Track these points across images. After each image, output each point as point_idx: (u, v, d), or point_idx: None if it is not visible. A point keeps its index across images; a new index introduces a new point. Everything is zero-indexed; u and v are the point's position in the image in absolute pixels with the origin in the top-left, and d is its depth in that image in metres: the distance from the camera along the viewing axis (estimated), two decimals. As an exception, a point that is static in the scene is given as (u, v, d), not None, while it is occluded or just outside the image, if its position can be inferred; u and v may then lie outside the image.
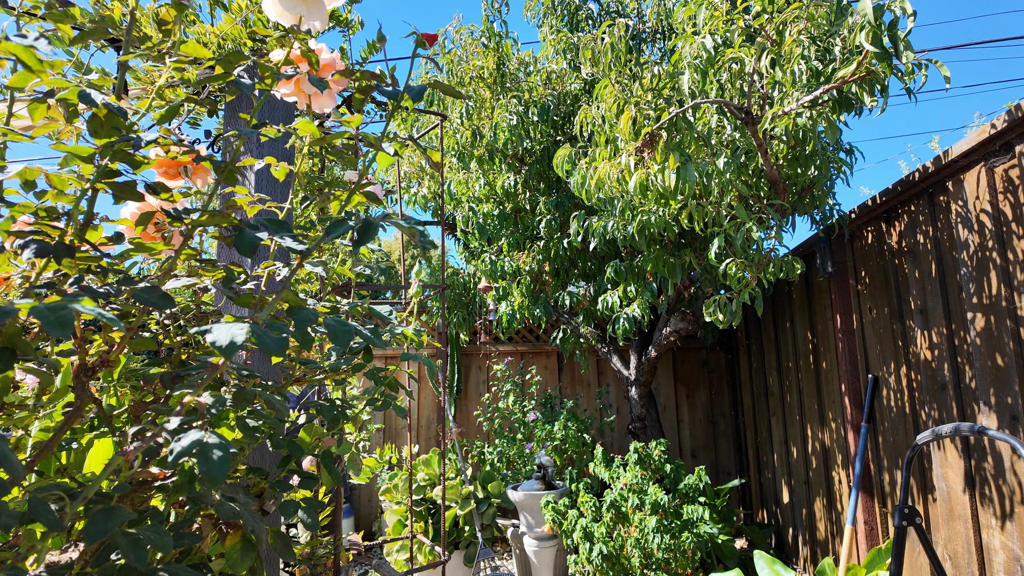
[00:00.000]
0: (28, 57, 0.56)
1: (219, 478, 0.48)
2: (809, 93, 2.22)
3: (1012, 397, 2.02)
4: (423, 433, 5.05)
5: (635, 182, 2.37)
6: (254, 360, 1.18)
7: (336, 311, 0.77)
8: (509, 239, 3.88)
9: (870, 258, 2.89)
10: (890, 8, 1.88)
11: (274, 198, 1.26)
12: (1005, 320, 2.05)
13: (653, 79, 2.49)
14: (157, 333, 0.74)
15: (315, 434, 0.98)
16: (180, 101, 1.09)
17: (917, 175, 2.47)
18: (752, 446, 4.47)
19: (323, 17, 0.74)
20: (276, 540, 0.75)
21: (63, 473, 0.66)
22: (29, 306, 0.42)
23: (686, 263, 3.14)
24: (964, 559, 2.23)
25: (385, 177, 4.34)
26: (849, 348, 3.03)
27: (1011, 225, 2.04)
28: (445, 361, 4.85)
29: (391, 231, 11.47)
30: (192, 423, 0.55)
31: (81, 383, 0.59)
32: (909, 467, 1.88)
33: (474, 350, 5.19)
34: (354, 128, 0.79)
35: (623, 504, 3.13)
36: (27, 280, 0.56)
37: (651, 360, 3.93)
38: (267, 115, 1.31)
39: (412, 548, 1.97)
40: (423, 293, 2.06)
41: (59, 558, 0.55)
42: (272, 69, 0.72)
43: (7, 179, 0.57)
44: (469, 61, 3.73)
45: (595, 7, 4.02)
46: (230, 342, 0.48)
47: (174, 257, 0.67)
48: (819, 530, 3.39)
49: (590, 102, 3.00)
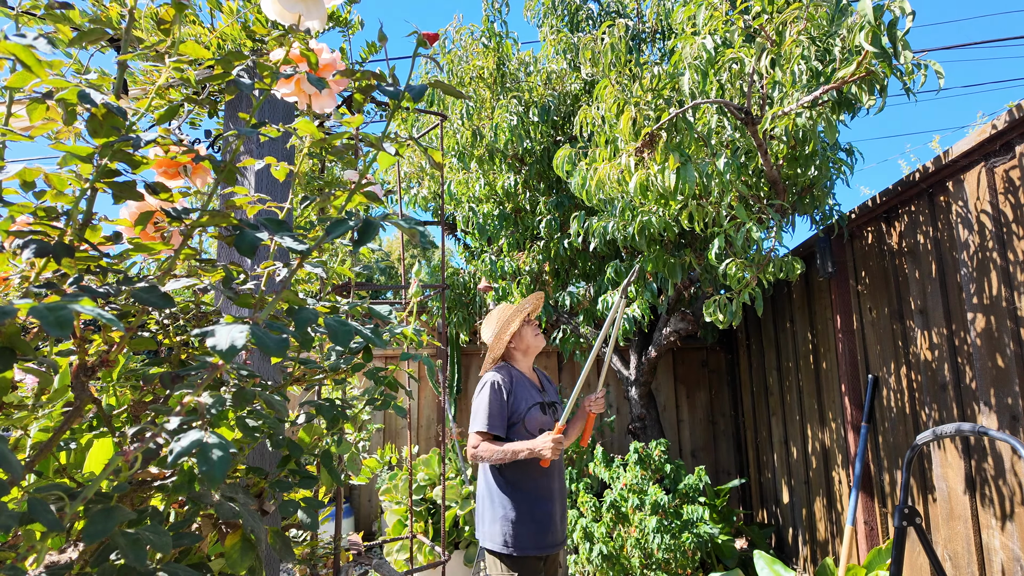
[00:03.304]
0: (27, 57, 0.56)
1: (219, 478, 0.48)
2: (809, 93, 2.22)
3: (1012, 397, 2.02)
4: (423, 433, 5.05)
5: (635, 182, 2.37)
6: (254, 360, 1.18)
7: (336, 311, 0.77)
8: (509, 239, 3.88)
9: (870, 258, 2.89)
10: (889, 8, 1.88)
11: (274, 198, 1.26)
12: (1005, 320, 2.05)
13: (653, 79, 2.49)
14: (157, 333, 0.74)
15: (315, 434, 0.98)
16: (179, 101, 1.09)
17: (917, 175, 2.47)
18: (752, 446, 4.47)
19: (322, 16, 0.74)
20: (276, 540, 0.75)
21: (62, 473, 0.66)
22: (28, 306, 0.42)
23: (686, 263, 3.14)
24: (964, 559, 2.23)
25: (385, 177, 4.34)
26: (849, 348, 3.02)
27: (1011, 225, 2.04)
28: (445, 361, 4.85)
29: (391, 231, 11.47)
30: (192, 423, 0.55)
31: (80, 383, 0.59)
32: (909, 467, 1.88)
33: (474, 350, 5.18)
34: (354, 128, 0.79)
35: (623, 504, 3.13)
36: (26, 280, 0.56)
37: (651, 360, 3.93)
38: (267, 115, 1.31)
39: (412, 548, 1.97)
40: (423, 293, 2.07)
41: (58, 558, 0.55)
42: (271, 69, 0.72)
43: (6, 179, 0.57)
44: (469, 61, 3.73)
45: (595, 7, 4.02)
46: (230, 345, 0.48)
47: (174, 257, 0.67)
48: (819, 530, 3.39)
49: (590, 102, 3.00)
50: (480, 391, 2.03)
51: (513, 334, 2.12)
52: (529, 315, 2.17)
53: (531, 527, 1.92)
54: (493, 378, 2.03)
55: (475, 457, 1.95)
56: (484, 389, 2.01)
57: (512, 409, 2.01)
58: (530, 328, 2.16)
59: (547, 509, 1.96)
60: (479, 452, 1.94)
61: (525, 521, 1.92)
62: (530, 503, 1.94)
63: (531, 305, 2.17)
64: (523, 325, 2.14)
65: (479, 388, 2.05)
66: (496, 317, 2.14)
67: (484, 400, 1.99)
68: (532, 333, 2.15)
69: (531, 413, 2.02)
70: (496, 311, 2.17)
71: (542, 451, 1.89)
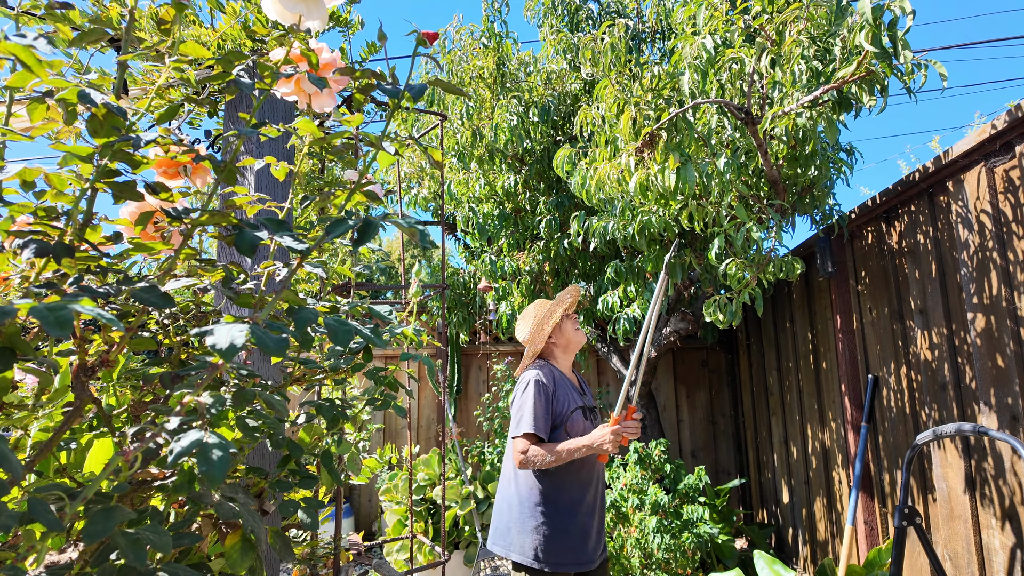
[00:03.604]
0: (27, 57, 0.56)
1: (219, 478, 0.48)
2: (809, 93, 2.22)
3: (1012, 397, 2.02)
4: (423, 433, 5.04)
5: (635, 182, 2.37)
6: (254, 360, 1.18)
7: (336, 311, 0.77)
8: (509, 239, 3.88)
9: (870, 258, 2.89)
10: (889, 8, 1.88)
11: (274, 198, 1.26)
12: (1005, 320, 2.05)
13: (653, 79, 2.49)
14: (157, 333, 0.74)
15: (315, 434, 0.98)
16: (180, 101, 1.09)
17: (917, 175, 2.47)
18: (752, 446, 4.47)
19: (323, 16, 0.74)
20: (276, 540, 0.75)
21: (62, 473, 0.66)
22: (28, 306, 0.42)
23: (686, 263, 3.14)
24: (964, 559, 2.23)
25: (385, 177, 4.34)
26: (849, 348, 3.02)
27: (1011, 225, 2.04)
28: (445, 361, 4.85)
29: (391, 231, 11.46)
30: (192, 423, 0.55)
31: (80, 383, 0.59)
32: (909, 467, 1.88)
33: (474, 350, 5.18)
34: (354, 128, 0.79)
35: (623, 504, 3.13)
36: (26, 280, 0.56)
37: (651, 360, 3.93)
38: (267, 115, 1.31)
39: (412, 548, 1.97)
40: (423, 293, 2.06)
41: (58, 558, 0.55)
42: (272, 68, 0.72)
43: (6, 179, 0.57)
44: (469, 61, 3.73)
45: (595, 7, 4.02)
46: (230, 344, 0.48)
47: (174, 257, 0.67)
48: (819, 530, 3.39)
49: (590, 102, 3.00)
50: (523, 390, 1.84)
51: (555, 326, 1.97)
52: (567, 309, 2.02)
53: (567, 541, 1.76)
54: (536, 375, 1.85)
55: (526, 464, 1.75)
56: (528, 388, 1.82)
57: (556, 411, 1.83)
58: (570, 322, 2.00)
59: (585, 522, 1.80)
60: (531, 458, 1.73)
61: (560, 534, 1.75)
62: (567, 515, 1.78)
63: (571, 297, 2.01)
64: (563, 318, 1.99)
65: (521, 387, 1.86)
66: (533, 311, 1.99)
67: (529, 399, 1.79)
68: (573, 327, 2.00)
69: (574, 417, 1.85)
70: (532, 306, 2.02)
71: (601, 445, 1.71)
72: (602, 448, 1.72)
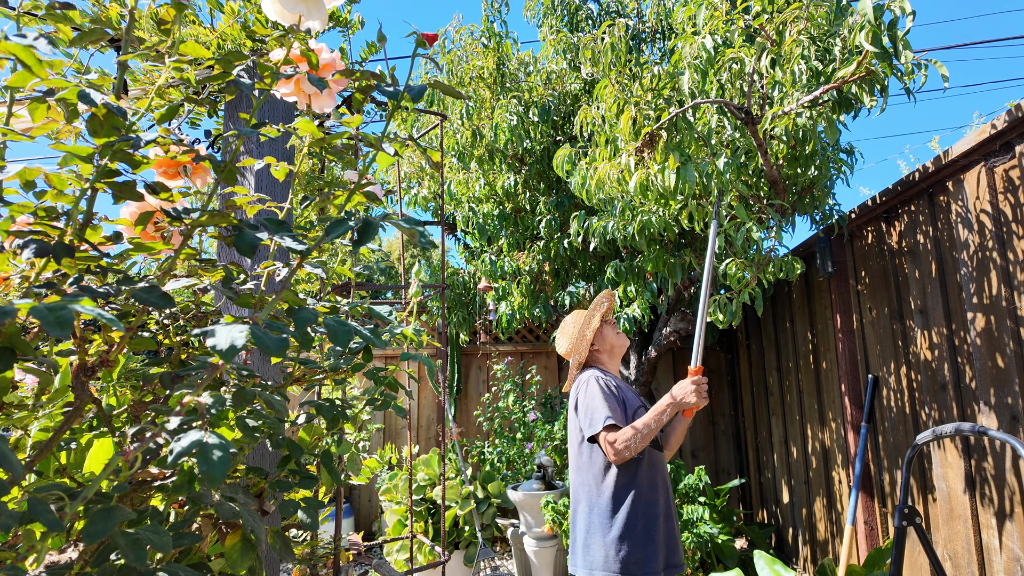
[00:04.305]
0: (28, 57, 0.56)
1: (219, 478, 0.48)
2: (809, 93, 2.22)
3: (1012, 397, 2.02)
4: (423, 433, 5.05)
5: (635, 182, 2.37)
6: (254, 360, 1.18)
7: (336, 311, 0.77)
8: (509, 239, 3.88)
9: (870, 258, 2.89)
10: (890, 8, 1.88)
11: (274, 198, 1.26)
12: (1005, 320, 2.05)
13: (653, 79, 2.49)
14: (157, 333, 0.74)
15: (315, 434, 0.98)
16: (180, 101, 1.09)
17: (917, 175, 2.47)
18: (752, 446, 4.47)
19: (322, 17, 0.74)
20: (276, 540, 0.75)
21: (63, 473, 0.66)
22: (28, 306, 0.42)
23: (686, 263, 3.14)
24: (964, 559, 2.23)
25: (385, 177, 4.34)
26: (849, 348, 3.02)
27: (1011, 225, 2.04)
28: (445, 361, 4.85)
29: (391, 231, 11.47)
30: (192, 423, 0.55)
31: (80, 383, 0.59)
32: (909, 467, 1.88)
33: (474, 350, 5.19)
34: (354, 128, 0.79)
35: (623, 504, 3.13)
36: (26, 280, 0.56)
37: (651, 360, 3.93)
38: (267, 115, 1.31)
39: (412, 548, 1.97)
40: (423, 293, 2.06)
41: (58, 558, 0.55)
42: (271, 68, 0.72)
43: (7, 179, 0.57)
44: (469, 61, 3.73)
45: (595, 7, 4.02)
46: (230, 345, 0.48)
47: (174, 257, 0.67)
48: (819, 530, 3.39)
49: (590, 102, 3.00)
50: (585, 389, 1.80)
51: (595, 331, 1.94)
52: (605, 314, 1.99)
53: (652, 547, 1.67)
54: (593, 374, 1.83)
55: (622, 452, 1.65)
56: (589, 385, 1.79)
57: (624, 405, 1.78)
58: (610, 327, 1.98)
59: (668, 525, 1.74)
60: (625, 443, 1.65)
61: (642, 541, 1.66)
62: (647, 519, 1.70)
63: (608, 302, 1.99)
64: (602, 323, 1.96)
65: (582, 388, 1.82)
66: (571, 321, 1.98)
67: (596, 394, 1.75)
68: (614, 331, 1.97)
69: (639, 415, 1.79)
70: (569, 317, 2.00)
71: (684, 398, 1.65)
72: (685, 401, 1.67)
